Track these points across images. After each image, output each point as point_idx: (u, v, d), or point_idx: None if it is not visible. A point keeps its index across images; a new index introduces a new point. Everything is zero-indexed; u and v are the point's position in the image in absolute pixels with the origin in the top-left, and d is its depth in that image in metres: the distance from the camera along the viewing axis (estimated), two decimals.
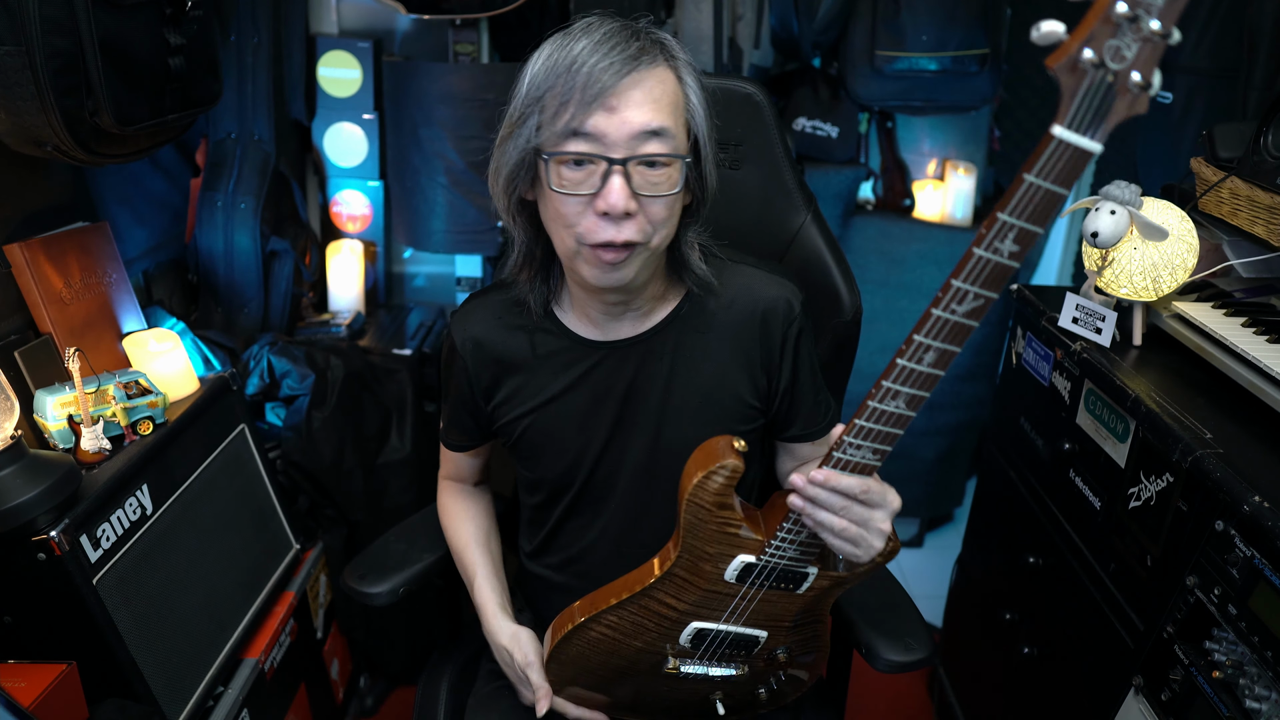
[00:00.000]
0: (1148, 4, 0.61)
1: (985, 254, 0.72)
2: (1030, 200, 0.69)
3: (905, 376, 0.79)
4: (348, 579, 1.20)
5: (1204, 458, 1.01)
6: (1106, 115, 0.65)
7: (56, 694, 1.05)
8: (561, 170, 0.88)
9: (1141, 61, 0.63)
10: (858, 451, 0.83)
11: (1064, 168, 0.67)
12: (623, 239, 0.89)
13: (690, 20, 2.05)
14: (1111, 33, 0.62)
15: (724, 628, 1.00)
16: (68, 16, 1.14)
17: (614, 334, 1.07)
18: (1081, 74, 0.64)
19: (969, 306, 0.74)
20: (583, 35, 0.88)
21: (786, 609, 0.99)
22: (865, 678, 2.04)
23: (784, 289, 1.07)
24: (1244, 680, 0.95)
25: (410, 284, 2.36)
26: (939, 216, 2.42)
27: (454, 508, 1.25)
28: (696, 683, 1.06)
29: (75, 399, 1.21)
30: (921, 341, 0.77)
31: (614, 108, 0.85)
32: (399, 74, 2.01)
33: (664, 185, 0.90)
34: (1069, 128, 0.66)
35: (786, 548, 0.92)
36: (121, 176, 1.69)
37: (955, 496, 2.71)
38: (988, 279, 0.73)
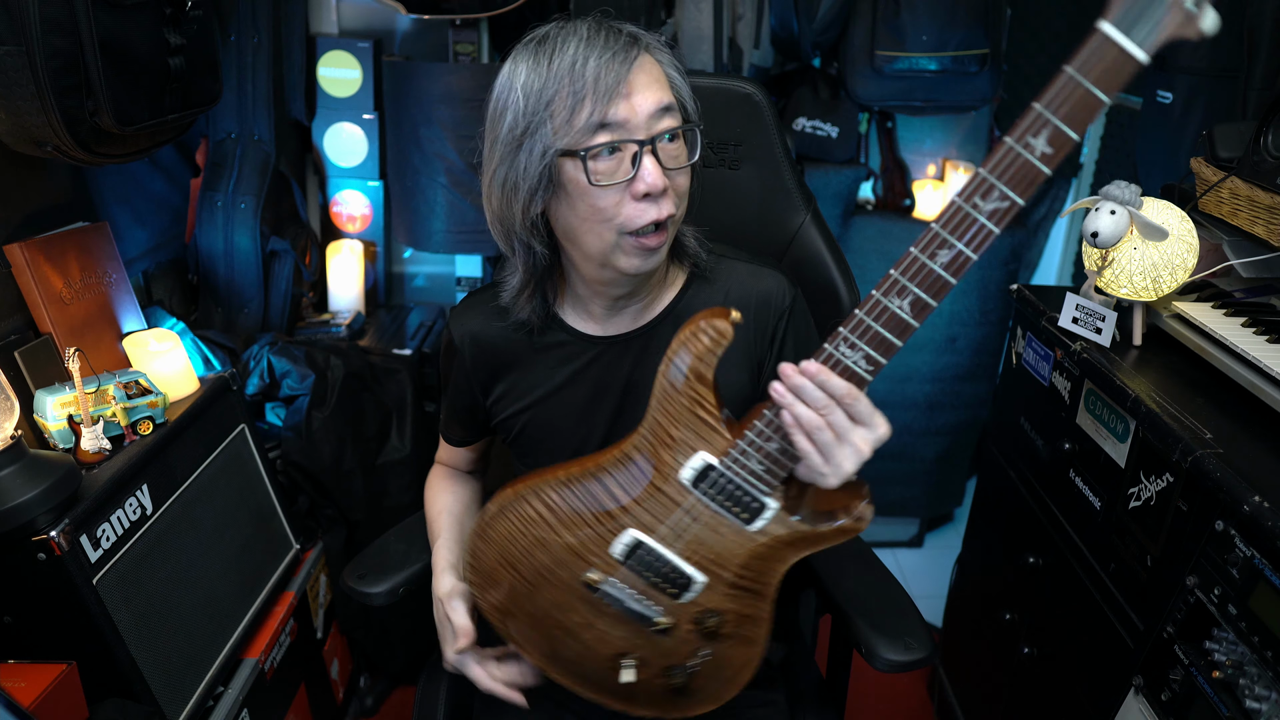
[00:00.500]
0: None
1: (1016, 146, 0.69)
2: (1068, 97, 0.67)
3: (916, 272, 0.76)
4: (347, 579, 1.20)
5: (1204, 458, 1.01)
6: (1156, 25, 0.65)
7: (56, 694, 1.05)
8: (595, 164, 0.89)
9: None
10: (852, 352, 0.80)
11: (1107, 69, 0.66)
12: (664, 215, 0.91)
13: (690, 20, 2.05)
14: None
15: (660, 549, 0.93)
16: (68, 16, 1.14)
17: (613, 328, 1.07)
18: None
19: (992, 206, 0.72)
20: (568, 38, 0.90)
21: (732, 552, 0.92)
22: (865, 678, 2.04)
23: (776, 280, 1.09)
24: (1244, 680, 0.95)
25: (410, 284, 2.36)
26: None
27: (438, 484, 1.27)
28: (610, 622, 0.98)
29: (75, 399, 1.21)
30: (939, 234, 0.74)
31: (628, 95, 0.88)
32: (399, 74, 2.01)
33: (684, 156, 0.94)
34: (1116, 25, 0.65)
35: (752, 455, 0.87)
36: (121, 176, 1.69)
37: (955, 496, 2.71)
38: (1015, 177, 0.70)
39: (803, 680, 1.25)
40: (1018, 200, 0.72)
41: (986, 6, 2.13)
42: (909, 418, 2.45)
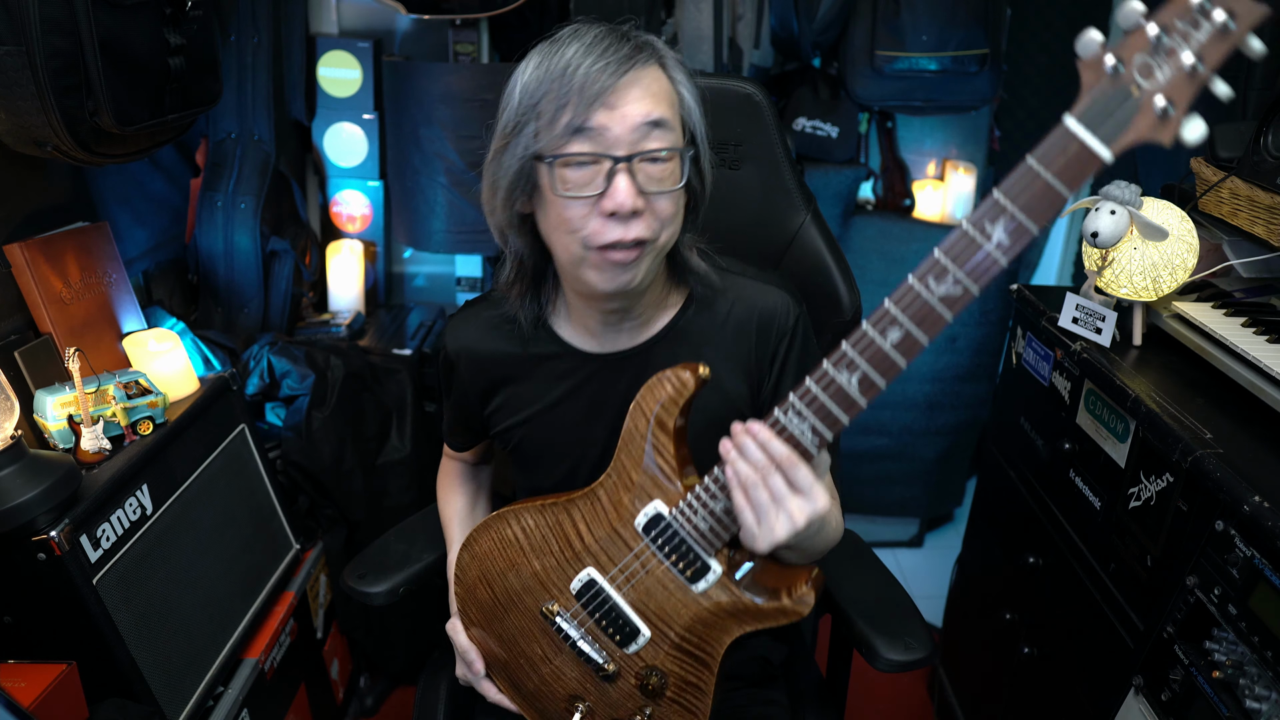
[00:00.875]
0: (1185, 33, 0.60)
1: (973, 232, 0.68)
2: (1027, 187, 0.66)
3: (865, 348, 0.75)
4: (347, 579, 1.20)
5: (1204, 458, 1.01)
6: (1123, 126, 0.63)
7: (56, 694, 1.05)
8: (565, 173, 0.87)
9: (1172, 88, 0.61)
10: (799, 421, 0.79)
11: (1068, 163, 0.64)
12: (632, 237, 0.87)
13: (690, 20, 2.05)
14: (1144, 48, 0.61)
15: (611, 592, 0.96)
16: (68, 16, 1.14)
17: (611, 345, 1.05)
18: (1101, 74, 0.63)
19: (946, 290, 0.71)
20: (572, 40, 0.87)
21: (677, 611, 0.94)
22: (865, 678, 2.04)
23: (780, 298, 1.05)
24: (1244, 680, 0.95)
25: (410, 284, 2.36)
26: (939, 216, 2.42)
27: (449, 480, 1.28)
28: (565, 660, 1.02)
29: (75, 399, 1.21)
30: (890, 311, 0.73)
31: (614, 105, 0.85)
32: (399, 74, 2.01)
33: (668, 180, 0.89)
34: (1080, 120, 0.63)
35: (700, 510, 0.88)
36: (121, 176, 1.69)
37: (955, 496, 2.71)
38: (970, 265, 0.69)
39: (803, 680, 1.25)
40: (972, 289, 0.70)
41: (986, 6, 2.13)
42: (909, 418, 2.45)
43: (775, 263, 1.31)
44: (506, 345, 1.07)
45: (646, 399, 0.91)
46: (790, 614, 0.89)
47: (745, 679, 1.17)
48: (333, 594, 1.83)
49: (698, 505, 0.89)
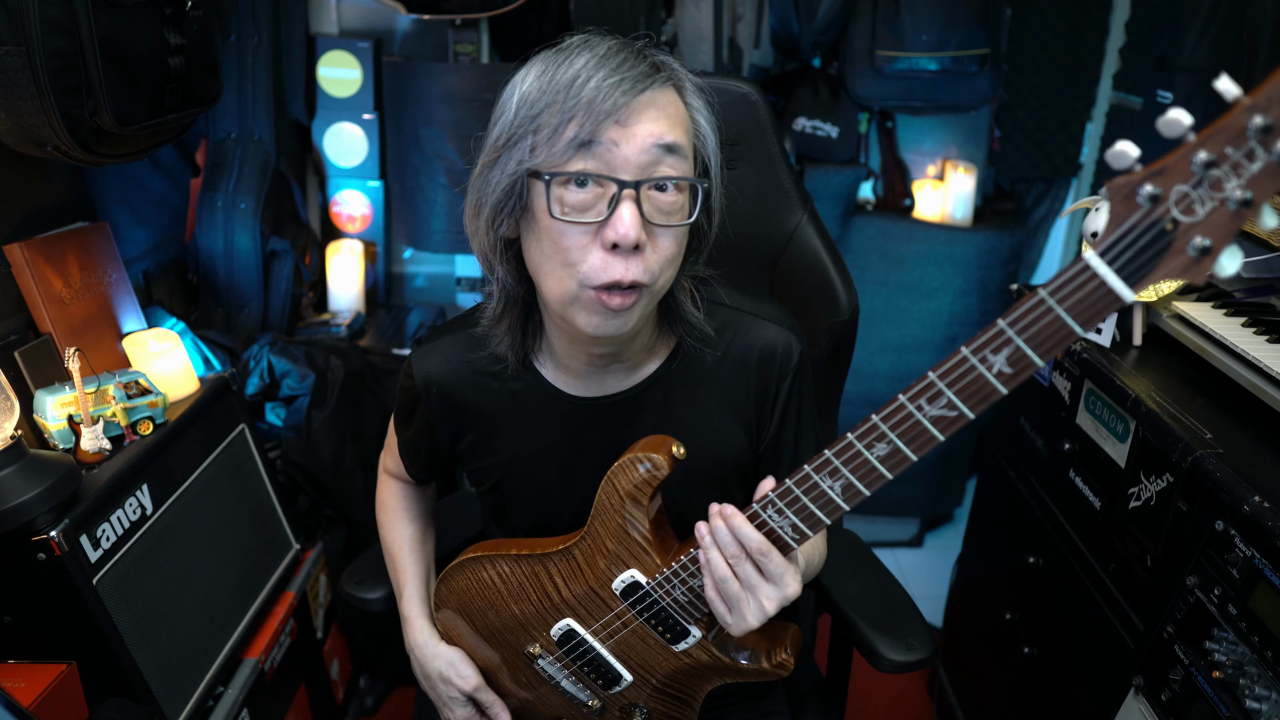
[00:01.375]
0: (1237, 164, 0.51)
1: (973, 359, 0.63)
2: (1036, 319, 0.60)
3: (851, 458, 0.71)
4: (345, 585, 1.19)
5: (1204, 458, 1.01)
6: (1152, 266, 0.56)
7: (56, 694, 1.05)
8: (564, 194, 0.78)
9: (1212, 226, 0.53)
10: (779, 518, 0.77)
11: (1084, 300, 0.58)
12: (630, 278, 0.79)
13: (690, 20, 2.05)
14: (1187, 178, 0.53)
15: (592, 642, 0.96)
16: (68, 16, 1.14)
17: (597, 389, 0.97)
18: (1133, 206, 0.55)
19: (938, 411, 0.66)
20: (583, 51, 0.79)
21: (659, 663, 0.94)
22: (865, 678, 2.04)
23: (783, 336, 0.97)
24: (1244, 680, 0.95)
25: (410, 284, 2.36)
26: (939, 216, 2.42)
27: (393, 504, 1.18)
28: (549, 690, 1.03)
29: (75, 399, 1.21)
30: (878, 425, 0.69)
31: (625, 122, 0.77)
32: (399, 74, 2.01)
33: (676, 215, 0.81)
34: (1105, 258, 0.57)
35: (677, 585, 0.87)
36: (121, 176, 1.69)
37: (955, 496, 2.71)
38: (966, 390, 0.64)
39: (803, 681, 1.25)
40: (967, 413, 0.65)
41: (986, 6, 2.13)
42: None
43: (772, 263, 1.31)
44: (483, 381, 0.98)
45: (619, 478, 0.87)
46: (770, 675, 0.91)
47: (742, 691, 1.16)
48: (333, 594, 1.83)
49: (675, 581, 0.87)
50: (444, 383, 1.00)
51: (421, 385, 1.01)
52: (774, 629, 0.92)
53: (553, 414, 0.98)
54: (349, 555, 1.86)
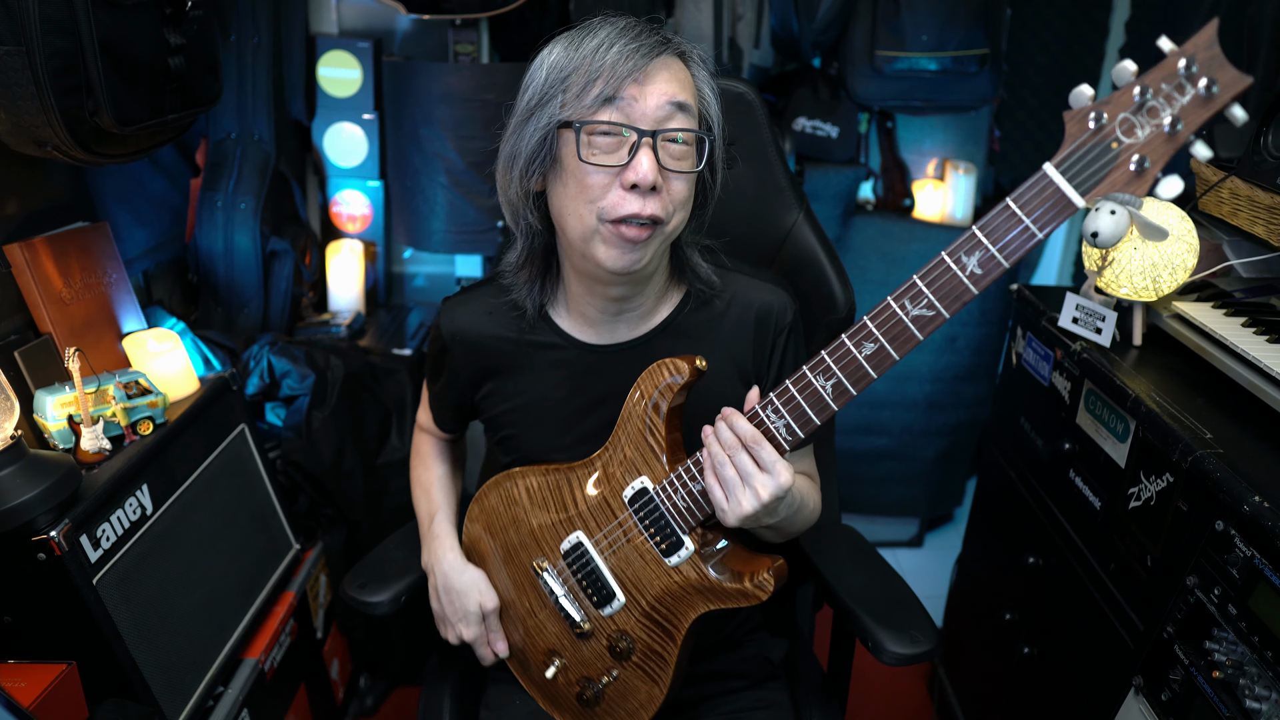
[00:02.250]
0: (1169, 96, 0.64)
1: (949, 260, 0.73)
2: (1003, 224, 0.70)
3: (841, 357, 0.81)
4: (348, 588, 1.19)
5: (1204, 458, 1.01)
6: (1099, 178, 0.67)
7: (56, 694, 1.05)
8: (593, 140, 0.89)
9: (1151, 147, 0.65)
10: (775, 418, 0.87)
11: (1045, 209, 0.69)
12: (648, 213, 0.90)
13: (690, 20, 2.05)
14: (1128, 106, 0.65)
15: (595, 555, 1.04)
16: (68, 16, 1.14)
17: (610, 337, 1.07)
18: (1085, 126, 0.67)
19: (919, 311, 0.76)
20: (604, 25, 0.91)
21: (651, 580, 1.01)
22: (866, 677, 2.04)
23: (777, 296, 1.08)
24: (1244, 680, 0.95)
25: (410, 284, 2.36)
26: (939, 216, 2.42)
27: (426, 450, 1.29)
28: (547, 615, 1.10)
29: (75, 399, 1.21)
30: (866, 324, 0.79)
31: (643, 82, 0.89)
32: (399, 74, 2.01)
33: (686, 162, 0.93)
34: (1059, 169, 0.68)
35: (679, 490, 0.96)
36: (121, 176, 1.69)
37: (955, 496, 2.71)
38: (943, 290, 0.74)
39: (805, 675, 1.25)
40: (943, 312, 0.75)
41: (986, 6, 2.13)
42: (909, 418, 2.45)
43: (769, 261, 1.32)
44: (503, 331, 1.09)
45: (646, 381, 0.98)
46: (750, 596, 0.95)
47: (747, 679, 1.17)
48: (333, 594, 1.83)
49: (679, 484, 0.96)
50: (467, 333, 1.10)
51: (448, 336, 1.11)
52: (757, 556, 0.98)
53: (567, 361, 1.08)
54: (349, 555, 1.86)
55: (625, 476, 1.00)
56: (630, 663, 1.04)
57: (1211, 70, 0.63)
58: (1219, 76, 0.63)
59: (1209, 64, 0.63)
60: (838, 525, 1.33)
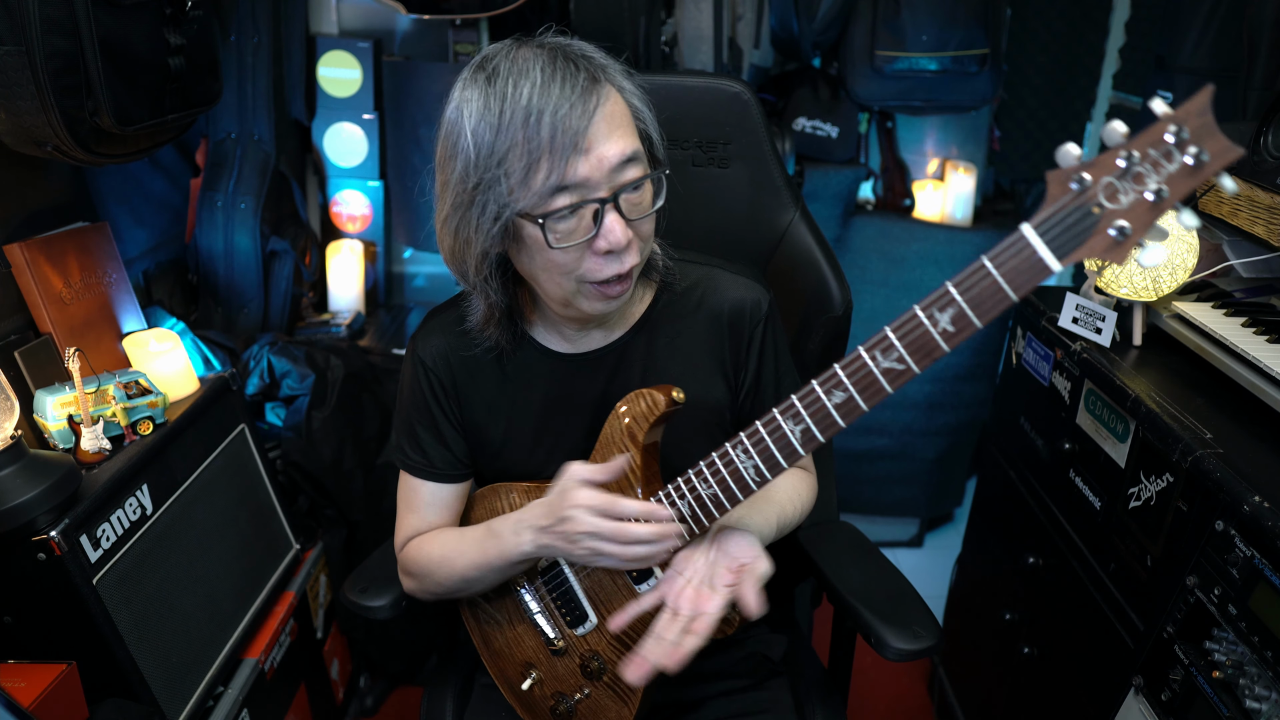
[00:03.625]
0: (1156, 163, 0.61)
1: (921, 315, 0.71)
2: (977, 282, 0.68)
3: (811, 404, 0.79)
4: (349, 593, 1.18)
5: (1204, 458, 1.01)
6: (1078, 243, 0.64)
7: (56, 694, 1.05)
8: (556, 226, 0.85)
9: (1133, 214, 0.62)
10: (745, 458, 0.85)
11: (1018, 268, 0.66)
12: (629, 268, 0.89)
13: (690, 20, 2.05)
14: (1113, 171, 0.63)
15: (570, 575, 1.03)
16: (68, 16, 1.14)
17: (584, 345, 1.04)
18: (1066, 189, 0.64)
19: (889, 364, 0.73)
20: (519, 79, 0.82)
21: (622, 604, 0.98)
22: (866, 678, 2.04)
23: (751, 289, 1.06)
24: (1244, 680, 0.95)
25: (410, 284, 2.36)
26: (939, 216, 2.42)
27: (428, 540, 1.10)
28: (525, 628, 1.09)
29: (75, 399, 1.21)
30: (837, 373, 0.76)
31: (588, 149, 0.83)
32: (399, 74, 2.01)
33: (646, 204, 0.90)
34: (1037, 230, 0.65)
35: None
36: (121, 176, 1.69)
37: (955, 496, 2.71)
38: (915, 345, 0.71)
39: (806, 672, 1.25)
40: (913, 367, 0.73)
41: (986, 6, 2.13)
42: (909, 418, 2.45)
43: (765, 260, 1.31)
44: (479, 349, 1.04)
45: (625, 409, 0.95)
46: (717, 630, 0.92)
47: (749, 678, 1.16)
48: (333, 594, 1.83)
49: None
50: (445, 349, 1.05)
51: (430, 360, 1.06)
52: None
53: (545, 373, 1.05)
54: (349, 555, 1.86)
55: None
56: (601, 683, 1.05)
57: (1202, 139, 0.60)
58: (1209, 146, 0.60)
59: (1200, 132, 0.60)
60: (836, 522, 1.32)
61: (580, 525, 0.89)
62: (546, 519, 0.93)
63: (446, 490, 1.10)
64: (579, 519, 0.89)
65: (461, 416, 1.08)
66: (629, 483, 0.96)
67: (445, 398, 1.07)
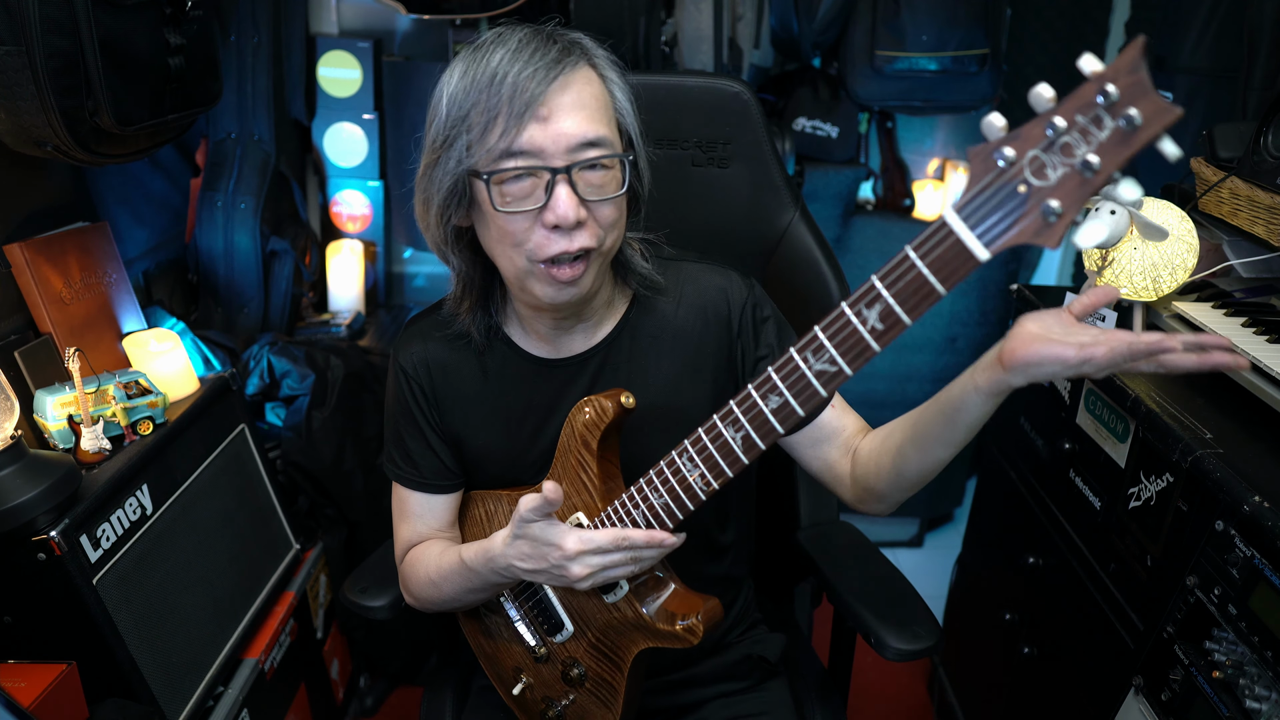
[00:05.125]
0: (1085, 130, 0.53)
1: (849, 313, 0.66)
2: (902, 275, 0.63)
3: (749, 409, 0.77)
4: (349, 593, 1.18)
5: (1204, 458, 1.01)
6: (1006, 227, 0.58)
7: (56, 694, 1.05)
8: (504, 188, 0.85)
9: (1064, 191, 0.55)
10: (690, 467, 0.84)
11: (943, 258, 0.60)
12: (577, 247, 0.86)
13: (690, 20, 2.05)
14: (1039, 142, 0.55)
15: (544, 585, 1.03)
16: (68, 16, 1.14)
17: (566, 349, 1.03)
18: (990, 165, 0.57)
19: (821, 366, 0.70)
20: (497, 46, 0.84)
21: (594, 614, 1.00)
22: (866, 677, 2.04)
23: (727, 277, 1.04)
24: (1244, 680, 0.95)
25: (410, 284, 2.36)
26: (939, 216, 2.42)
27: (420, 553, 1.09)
28: (512, 635, 1.09)
29: (75, 399, 1.21)
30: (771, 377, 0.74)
31: (545, 117, 0.82)
32: (399, 74, 2.01)
33: (610, 187, 0.88)
34: (959, 214, 0.59)
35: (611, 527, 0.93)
36: (121, 176, 1.69)
37: (955, 496, 2.71)
38: (845, 344, 0.67)
39: (805, 672, 1.25)
40: (845, 369, 0.69)
41: (986, 6, 2.13)
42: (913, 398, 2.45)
43: (765, 260, 1.31)
44: (461, 355, 1.04)
45: (575, 417, 0.95)
46: (680, 639, 0.94)
47: (748, 679, 1.16)
48: (333, 594, 1.83)
49: (611, 521, 0.92)
50: (427, 356, 1.05)
51: (412, 367, 1.05)
52: (693, 597, 0.97)
53: (525, 378, 1.04)
54: (349, 555, 1.86)
55: (565, 511, 0.96)
56: (584, 689, 1.05)
57: (1135, 99, 0.51)
58: (1143, 107, 0.51)
59: (1132, 91, 0.51)
60: (836, 522, 1.32)
61: (580, 572, 0.89)
62: (533, 562, 0.91)
63: (438, 500, 1.09)
64: (576, 570, 0.89)
65: (443, 423, 1.06)
66: (587, 490, 0.95)
67: (427, 405, 1.06)
